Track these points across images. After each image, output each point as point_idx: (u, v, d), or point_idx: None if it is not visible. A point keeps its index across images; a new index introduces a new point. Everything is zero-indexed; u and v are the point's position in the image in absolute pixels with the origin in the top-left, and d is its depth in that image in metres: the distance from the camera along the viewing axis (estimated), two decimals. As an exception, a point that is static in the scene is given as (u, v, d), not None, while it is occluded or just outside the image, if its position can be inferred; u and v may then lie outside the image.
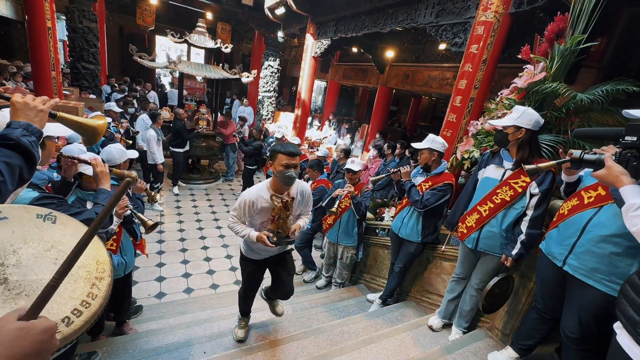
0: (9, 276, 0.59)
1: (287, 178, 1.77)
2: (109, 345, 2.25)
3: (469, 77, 3.43)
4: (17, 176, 0.87)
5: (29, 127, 0.94)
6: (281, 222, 1.88)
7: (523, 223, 1.88)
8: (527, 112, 1.83)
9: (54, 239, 0.70)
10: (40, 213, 0.72)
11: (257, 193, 1.87)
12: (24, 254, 0.63)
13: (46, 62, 4.89)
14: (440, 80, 6.88)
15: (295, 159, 1.76)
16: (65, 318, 0.59)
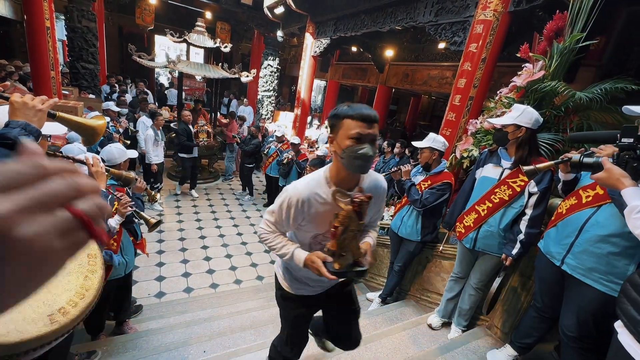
0: None
1: (359, 159, 1.06)
2: (109, 345, 2.25)
3: (468, 75, 3.44)
4: None
5: (27, 126, 0.94)
6: (348, 238, 1.11)
7: (522, 222, 1.88)
8: (527, 111, 1.83)
9: None
10: None
11: (309, 188, 1.18)
12: None
13: (45, 62, 4.88)
14: (440, 79, 6.88)
15: (373, 128, 1.07)
16: (61, 309, 0.60)
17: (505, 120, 1.87)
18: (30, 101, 0.98)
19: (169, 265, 3.88)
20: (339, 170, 1.16)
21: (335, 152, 1.13)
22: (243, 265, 4.21)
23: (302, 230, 1.26)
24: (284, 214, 1.22)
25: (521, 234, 1.86)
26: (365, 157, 1.06)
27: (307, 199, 1.17)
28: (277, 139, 5.61)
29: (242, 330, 2.46)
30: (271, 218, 1.28)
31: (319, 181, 1.20)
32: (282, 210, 1.22)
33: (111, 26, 10.89)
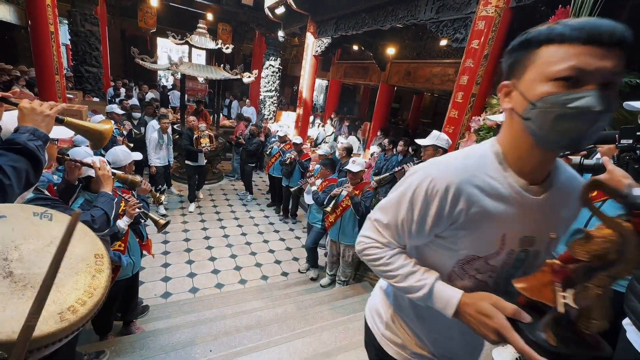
0: (14, 270, 0.62)
1: (574, 120, 0.56)
2: (117, 345, 2.28)
3: (470, 72, 3.43)
4: (23, 180, 0.90)
5: (35, 132, 0.96)
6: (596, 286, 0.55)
7: None
8: None
9: (52, 235, 0.73)
10: (37, 211, 0.75)
11: (468, 169, 0.68)
12: (25, 250, 0.67)
13: (50, 67, 4.95)
14: (442, 77, 6.84)
15: (611, 58, 0.53)
16: (70, 307, 0.62)
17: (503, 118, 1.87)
18: (39, 107, 1.00)
19: (175, 266, 3.91)
20: (520, 143, 0.66)
21: (512, 111, 0.65)
22: (248, 265, 4.23)
23: (443, 246, 0.73)
24: (415, 212, 0.71)
25: None
26: (588, 115, 0.54)
27: (464, 187, 0.66)
28: (279, 139, 5.62)
29: (248, 330, 2.48)
30: (384, 218, 0.78)
31: (483, 160, 0.69)
32: (411, 205, 0.71)
33: (114, 30, 10.99)
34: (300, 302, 3.11)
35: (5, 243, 0.65)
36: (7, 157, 0.87)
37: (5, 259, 0.62)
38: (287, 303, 3.07)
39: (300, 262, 4.43)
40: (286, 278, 4.09)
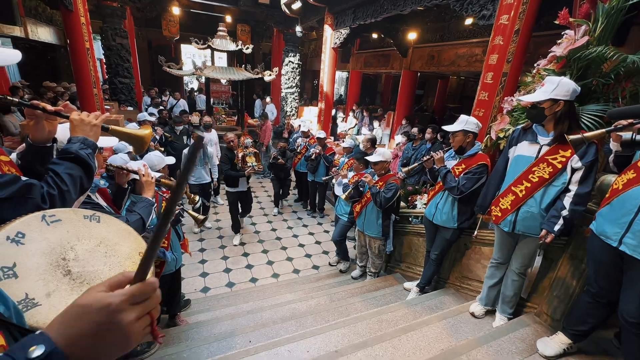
0: (71, 268, 0.68)
1: None
2: (164, 336, 2.45)
3: (500, 50, 3.23)
4: (78, 186, 0.98)
5: (85, 141, 1.05)
6: None
7: (566, 199, 1.76)
8: (562, 83, 1.70)
9: (101, 236, 0.80)
10: (87, 214, 0.82)
11: None
12: (79, 250, 0.73)
13: (88, 81, 5.32)
14: (469, 58, 6.51)
15: None
16: None
17: (539, 97, 1.74)
18: (87, 117, 1.08)
19: (211, 262, 4.10)
20: None
21: None
22: (279, 259, 4.34)
23: None
24: None
25: (565, 210, 1.73)
26: None
27: None
28: (302, 134, 5.66)
29: (284, 322, 2.56)
30: None
31: None
32: None
33: (141, 41, 11.56)
34: (332, 294, 3.15)
35: (62, 244, 0.72)
36: (64, 166, 0.96)
37: (64, 259, 0.69)
38: (319, 295, 3.13)
39: (330, 255, 4.47)
40: (317, 271, 4.15)
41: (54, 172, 0.94)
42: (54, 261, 0.67)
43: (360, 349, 1.94)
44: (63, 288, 0.64)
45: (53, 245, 0.70)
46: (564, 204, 1.76)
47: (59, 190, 0.92)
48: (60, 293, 0.63)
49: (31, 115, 1.02)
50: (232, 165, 4.10)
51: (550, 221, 1.79)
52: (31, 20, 8.41)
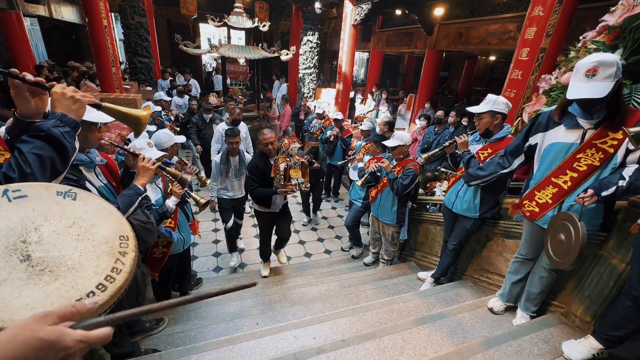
0: (32, 253, 0.60)
1: None
2: (174, 313, 2.48)
3: (539, 23, 2.90)
4: (48, 168, 0.86)
5: (63, 117, 0.93)
6: None
7: (626, 170, 1.50)
8: (618, 62, 1.42)
9: (75, 215, 0.70)
10: (60, 190, 0.73)
11: None
12: (45, 231, 0.64)
13: (106, 59, 5.34)
14: (500, 35, 6.00)
15: None
16: (90, 293, 0.59)
17: (605, 88, 1.40)
18: (70, 92, 0.96)
19: (224, 243, 4.12)
20: None
21: None
22: (291, 242, 4.29)
23: None
24: None
25: (622, 181, 1.47)
26: None
27: None
28: (318, 116, 5.48)
29: (292, 306, 2.52)
30: None
31: None
32: None
33: (160, 20, 11.52)
34: (343, 280, 3.08)
35: (25, 224, 0.62)
36: (32, 145, 0.84)
37: (24, 242, 0.60)
38: (330, 281, 3.06)
39: (343, 241, 4.39)
40: (329, 256, 4.09)
41: (18, 151, 0.83)
42: (10, 244, 0.59)
43: (368, 339, 1.86)
44: (17, 277, 0.56)
45: (13, 225, 0.61)
46: (622, 175, 1.50)
47: (20, 172, 0.80)
48: (13, 282, 0.54)
49: (13, 86, 0.94)
50: (264, 179, 2.72)
51: (601, 183, 1.54)
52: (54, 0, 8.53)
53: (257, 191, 2.75)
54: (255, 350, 1.90)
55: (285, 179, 2.69)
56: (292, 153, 2.70)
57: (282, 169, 2.64)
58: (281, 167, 2.64)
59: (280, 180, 2.65)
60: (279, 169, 2.64)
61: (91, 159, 1.42)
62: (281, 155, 2.69)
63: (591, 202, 1.52)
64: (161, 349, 2.00)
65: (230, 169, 3.26)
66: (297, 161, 2.73)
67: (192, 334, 2.19)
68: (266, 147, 2.71)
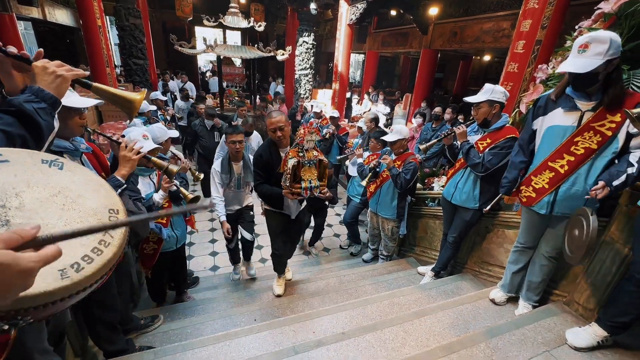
0: (11, 219, 0.55)
1: None
2: (170, 311, 2.43)
3: (534, 15, 2.92)
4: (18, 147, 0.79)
5: (39, 92, 0.86)
6: None
7: (632, 156, 1.48)
8: (614, 40, 1.42)
9: (61, 185, 0.66)
10: (46, 158, 0.69)
11: None
12: (27, 198, 0.60)
13: (100, 60, 5.30)
14: (495, 33, 6.04)
15: None
16: (74, 264, 0.55)
17: (595, 63, 1.41)
18: (52, 67, 0.90)
19: (221, 242, 4.06)
20: None
21: None
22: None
23: None
24: None
25: (632, 168, 1.45)
26: None
27: None
28: (315, 115, 5.47)
29: (290, 302, 2.47)
30: None
31: None
32: None
33: (156, 23, 11.50)
34: (342, 276, 3.04)
35: (4, 189, 0.58)
36: (1, 121, 0.78)
37: (2, 206, 0.56)
38: (329, 277, 3.02)
39: (341, 239, 4.36)
40: (327, 254, 4.05)
41: None
42: None
43: (369, 331, 1.82)
44: None
45: None
46: (630, 161, 1.48)
47: None
48: None
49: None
50: (270, 174, 2.19)
51: (610, 173, 1.51)
52: (48, 2, 8.48)
53: (261, 188, 2.23)
54: (253, 345, 1.85)
55: (295, 179, 2.02)
56: (307, 147, 2.00)
57: (289, 166, 1.95)
58: (290, 163, 1.96)
59: (287, 179, 2.00)
60: (287, 166, 1.98)
61: (76, 147, 1.37)
62: (293, 149, 2.02)
63: (604, 194, 1.48)
64: (156, 346, 1.94)
65: (233, 178, 2.68)
66: (314, 158, 2.02)
67: (189, 330, 2.13)
68: (274, 135, 2.11)
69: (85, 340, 1.80)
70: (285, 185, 2.05)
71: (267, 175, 2.20)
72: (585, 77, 1.49)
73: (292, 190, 2.02)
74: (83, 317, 1.62)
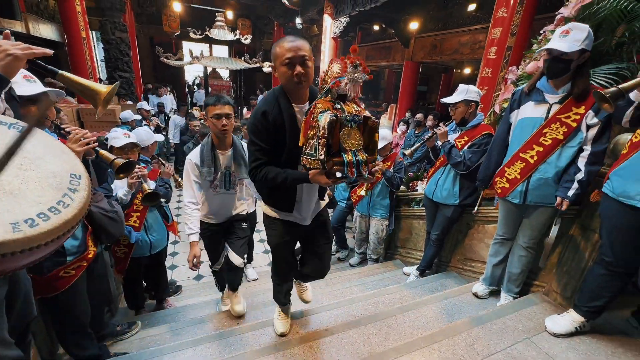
0: None
1: None
2: (149, 318, 2.34)
3: (504, 23, 3.09)
4: None
5: None
6: None
7: (580, 160, 1.61)
8: (590, 33, 1.53)
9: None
10: (6, 121, 0.69)
11: None
12: None
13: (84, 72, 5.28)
14: (472, 45, 6.34)
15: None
16: (28, 219, 0.54)
17: (572, 47, 1.50)
18: (6, 44, 0.85)
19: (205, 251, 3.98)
20: None
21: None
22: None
23: None
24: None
25: (580, 173, 1.59)
26: None
27: None
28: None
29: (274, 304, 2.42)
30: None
31: None
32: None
33: (143, 37, 11.58)
34: (328, 279, 2.99)
35: None
36: None
37: None
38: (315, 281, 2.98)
39: (328, 244, 4.33)
40: (315, 260, 4.01)
41: None
42: None
43: (352, 327, 1.80)
44: None
45: None
46: (578, 167, 1.61)
47: None
48: None
49: None
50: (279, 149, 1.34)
51: (563, 187, 1.64)
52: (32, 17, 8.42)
53: (265, 172, 1.31)
54: (235, 347, 1.80)
55: (329, 151, 1.15)
56: (348, 92, 1.17)
57: (324, 124, 1.10)
58: (322, 121, 1.11)
59: (317, 150, 1.12)
60: (318, 124, 1.12)
61: None
62: (323, 98, 1.19)
63: (566, 206, 1.63)
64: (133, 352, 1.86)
65: (219, 173, 1.87)
66: (357, 115, 1.17)
67: (168, 336, 2.05)
68: (290, 72, 1.24)
69: (55, 346, 1.71)
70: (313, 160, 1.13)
71: (271, 151, 1.32)
72: (562, 62, 1.57)
73: (329, 169, 1.13)
74: (51, 319, 1.55)
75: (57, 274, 1.44)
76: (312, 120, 1.15)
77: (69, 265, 1.48)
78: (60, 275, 1.46)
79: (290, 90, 1.31)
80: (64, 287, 1.47)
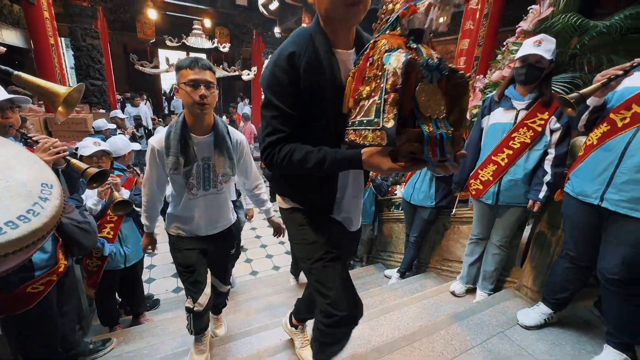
0: None
1: None
2: (125, 335, 2.24)
3: (471, 35, 3.28)
4: None
5: None
6: None
7: (546, 163, 1.74)
8: (554, 42, 1.67)
9: None
10: None
11: None
12: None
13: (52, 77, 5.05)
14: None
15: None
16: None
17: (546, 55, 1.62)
18: None
19: (185, 262, 3.87)
20: None
21: None
22: (258, 257, 4.17)
23: None
24: None
25: (547, 175, 1.71)
26: None
27: None
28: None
29: (257, 313, 2.41)
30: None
31: None
32: None
33: (116, 45, 11.25)
34: (311, 285, 3.00)
35: None
36: None
37: None
38: (295, 289, 2.97)
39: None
40: (297, 267, 3.99)
41: None
42: None
43: (335, 331, 1.81)
44: None
45: None
46: (545, 169, 1.74)
47: None
48: None
49: None
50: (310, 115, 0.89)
51: (534, 189, 1.77)
52: (-5, 22, 8.03)
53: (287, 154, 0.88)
54: (216, 358, 1.76)
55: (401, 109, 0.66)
56: (430, 30, 0.73)
57: (396, 68, 0.63)
58: (393, 63, 0.64)
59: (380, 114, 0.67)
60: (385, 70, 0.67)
61: None
62: (389, 33, 0.75)
63: (538, 208, 1.76)
64: (107, 371, 1.78)
65: (195, 166, 1.41)
66: (444, 61, 0.71)
67: (145, 352, 1.98)
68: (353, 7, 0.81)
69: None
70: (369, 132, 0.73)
71: (300, 117, 0.90)
72: (537, 70, 1.68)
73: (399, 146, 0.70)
74: (17, 339, 1.46)
75: (24, 290, 1.37)
76: (371, 66, 0.72)
77: (38, 280, 1.41)
78: (28, 291, 1.38)
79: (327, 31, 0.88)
80: (32, 304, 1.39)
